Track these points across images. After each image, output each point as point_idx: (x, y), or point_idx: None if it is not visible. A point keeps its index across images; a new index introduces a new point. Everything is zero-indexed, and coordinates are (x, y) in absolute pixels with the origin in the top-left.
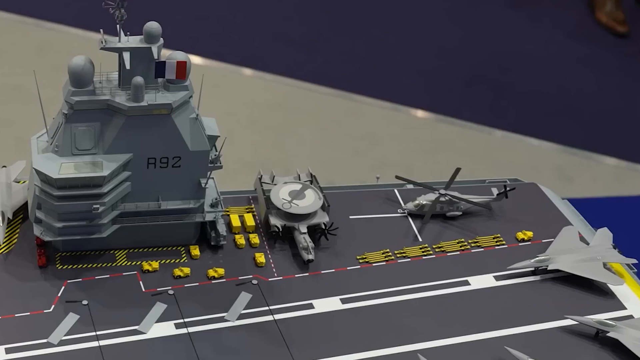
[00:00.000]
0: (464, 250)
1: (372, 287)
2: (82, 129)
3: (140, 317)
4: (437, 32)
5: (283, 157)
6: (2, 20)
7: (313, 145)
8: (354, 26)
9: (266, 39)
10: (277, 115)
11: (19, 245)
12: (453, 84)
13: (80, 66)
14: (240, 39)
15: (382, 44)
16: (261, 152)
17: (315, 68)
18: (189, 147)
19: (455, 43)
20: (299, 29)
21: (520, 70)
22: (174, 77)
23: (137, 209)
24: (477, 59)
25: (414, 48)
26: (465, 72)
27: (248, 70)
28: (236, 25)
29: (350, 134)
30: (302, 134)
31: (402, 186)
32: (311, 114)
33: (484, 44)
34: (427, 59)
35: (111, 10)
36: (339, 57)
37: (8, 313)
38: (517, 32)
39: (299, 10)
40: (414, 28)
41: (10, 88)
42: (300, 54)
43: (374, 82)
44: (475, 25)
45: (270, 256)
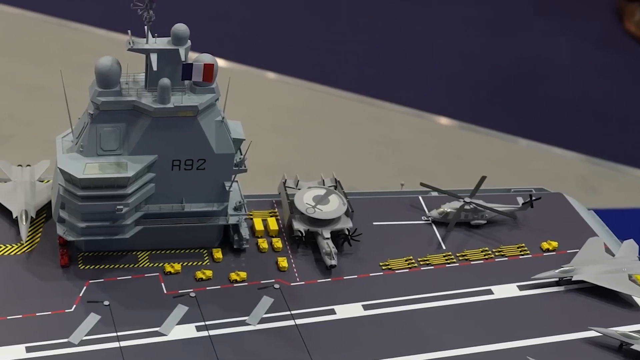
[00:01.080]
0: (487, 259)
1: (395, 294)
2: (107, 129)
3: (161, 319)
4: (463, 39)
5: (305, 161)
6: (27, 20)
7: (335, 150)
8: (379, 31)
9: (290, 43)
10: (300, 119)
11: (41, 244)
12: (477, 92)
13: (107, 67)
14: (264, 43)
15: (407, 49)
16: (283, 156)
17: (339, 73)
18: (214, 150)
19: (480, 50)
20: (324, 34)
21: (545, 78)
22: (201, 79)
23: (160, 210)
24: (503, 67)
25: (439, 54)
26: (490, 79)
27: (271, 74)
28: (260, 28)
29: (373, 139)
30: (325, 139)
31: (426, 193)
32: (334, 119)
33: (510, 52)
34: (451, 65)
35: (139, 12)
36: (363, 62)
37: (29, 312)
38: (543, 40)
39: (324, 15)
40: (439, 34)
41: (34, 87)
42: (325, 58)
43: (397, 87)
44: (501, 33)
45: (292, 261)
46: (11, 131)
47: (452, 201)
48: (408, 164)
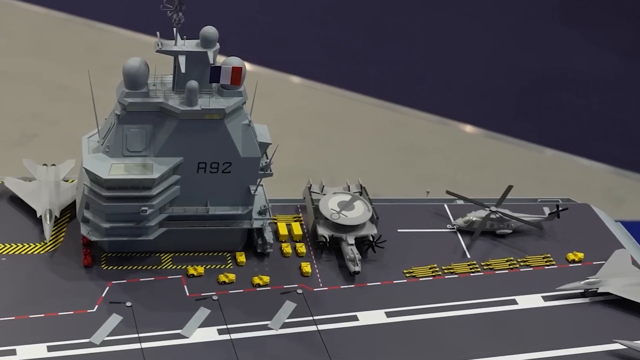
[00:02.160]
0: (512, 269)
1: (418, 302)
2: (134, 130)
3: (183, 321)
4: (490, 46)
5: (329, 166)
6: (52, 19)
7: (359, 155)
8: (405, 38)
9: (315, 48)
10: (324, 124)
11: (65, 244)
12: (504, 100)
13: (135, 68)
14: (289, 47)
15: (433, 56)
16: (307, 160)
17: (364, 78)
18: (240, 154)
19: (508, 58)
20: (349, 39)
21: (573, 88)
22: (229, 82)
23: (185, 212)
24: (530, 76)
25: (466, 62)
26: (516, 88)
27: (296, 78)
28: (284, 32)
29: (397, 146)
30: (349, 144)
31: (452, 201)
32: (358, 125)
33: (538, 61)
34: (478, 73)
35: (169, 13)
36: (389, 68)
37: (51, 311)
38: (571, 50)
39: (349, 20)
40: (466, 41)
41: (58, 87)
42: (350, 64)
43: (423, 94)
44: (528, 41)
45: (316, 266)
46: (35, 130)
47: (477, 210)
48: (432, 171)
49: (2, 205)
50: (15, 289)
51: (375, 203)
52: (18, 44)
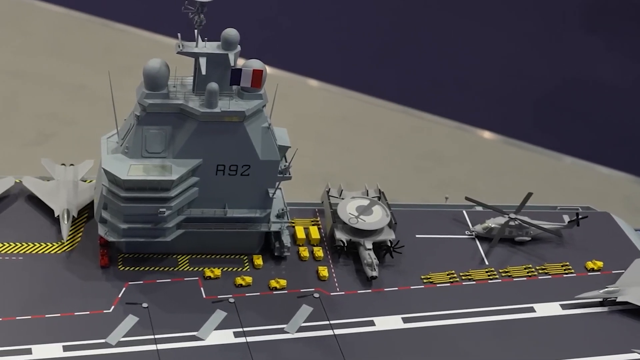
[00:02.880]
0: (531, 277)
1: (435, 308)
2: (153, 131)
3: (199, 324)
4: (510, 53)
5: (347, 171)
6: (71, 19)
7: (376, 160)
8: (425, 43)
9: (335, 52)
10: (342, 128)
11: (82, 244)
12: (523, 107)
13: (155, 69)
14: (307, 50)
15: (452, 62)
16: (324, 164)
17: (383, 83)
18: (259, 156)
19: (528, 65)
20: (369, 44)
21: (593, 96)
22: (249, 85)
23: (202, 215)
24: (551, 83)
25: (485, 68)
26: (536, 95)
27: (314, 81)
28: (304, 35)
29: (415, 151)
30: (367, 149)
31: (470, 207)
32: (377, 129)
33: (559, 68)
34: (497, 79)
35: (190, 15)
36: (408, 73)
37: (68, 311)
38: (593, 58)
39: (371, 24)
40: (486, 48)
41: (76, 87)
42: (369, 68)
43: (441, 99)
44: (550, 49)
45: (333, 270)
46: (53, 130)
47: (496, 217)
48: (450, 177)
49: (20, 205)
50: (32, 288)
51: (393, 208)
52: (37, 43)
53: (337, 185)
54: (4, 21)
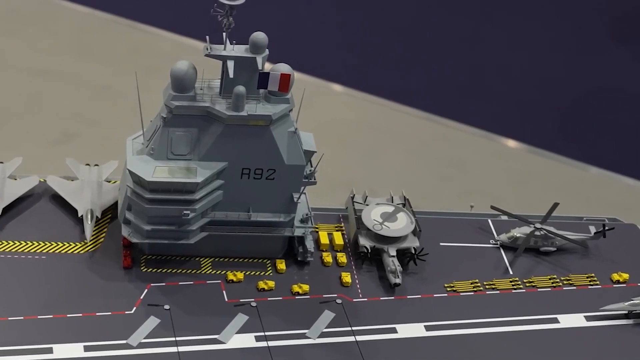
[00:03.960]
0: (555, 287)
1: (458, 317)
2: (179, 133)
3: (221, 327)
4: (538, 62)
5: (369, 177)
6: (97, 19)
7: (400, 167)
8: (451, 50)
9: (359, 56)
10: (366, 134)
11: (105, 244)
12: (549, 116)
13: (183, 71)
14: (332, 55)
15: (479, 69)
16: (348, 170)
17: (408, 89)
18: (285, 161)
19: (555, 74)
20: (395, 49)
21: (620, 106)
22: (277, 89)
23: (226, 218)
24: (577, 93)
25: (512, 76)
26: (562, 104)
27: (338, 86)
28: (329, 40)
29: (439, 158)
30: (390, 155)
31: (496, 217)
32: (401, 136)
33: (586, 78)
34: (524, 88)
35: (219, 18)
36: (433, 80)
37: (89, 311)
38: (620, 68)
39: (396, 30)
40: (514, 56)
41: (100, 87)
42: (394, 74)
43: (467, 107)
44: (578, 58)
45: (356, 276)
46: (76, 130)
47: (522, 226)
48: (474, 185)
49: (44, 204)
50: (54, 287)
51: (418, 215)
52: (62, 43)
53: (361, 191)
54: (31, 21)
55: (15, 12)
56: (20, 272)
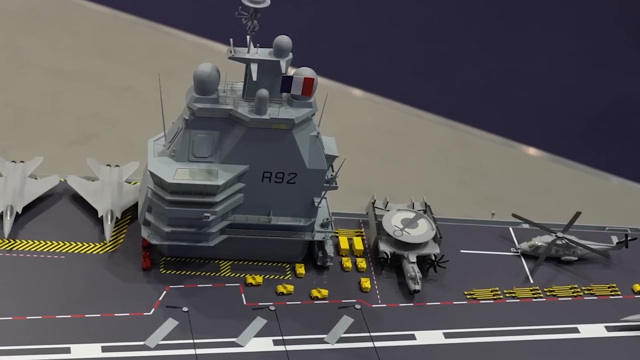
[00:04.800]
0: (576, 297)
1: (478, 325)
2: (201, 136)
3: (239, 330)
4: (560, 70)
5: (389, 182)
6: (118, 20)
7: (420, 173)
8: (474, 57)
9: (380, 62)
10: (387, 140)
11: (124, 245)
12: (570, 125)
13: (206, 73)
14: (353, 60)
15: (501, 77)
16: (367, 175)
17: (430, 96)
18: (307, 165)
19: (576, 82)
20: (416, 55)
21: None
22: (300, 93)
23: (247, 221)
24: (599, 101)
25: (534, 84)
26: (585, 113)
27: (358, 91)
28: (350, 45)
29: (459, 165)
30: (411, 161)
31: (517, 225)
32: (421, 142)
33: (607, 86)
34: (545, 96)
35: (244, 21)
36: (455, 86)
37: (108, 312)
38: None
39: (419, 36)
40: (536, 63)
41: (120, 88)
42: (416, 80)
43: (488, 114)
44: (600, 67)
45: (376, 282)
46: (96, 130)
47: (543, 235)
48: (494, 193)
49: (64, 204)
50: (73, 287)
51: (439, 222)
52: (83, 43)
53: (381, 197)
54: (53, 20)
55: (37, 12)
56: (40, 272)
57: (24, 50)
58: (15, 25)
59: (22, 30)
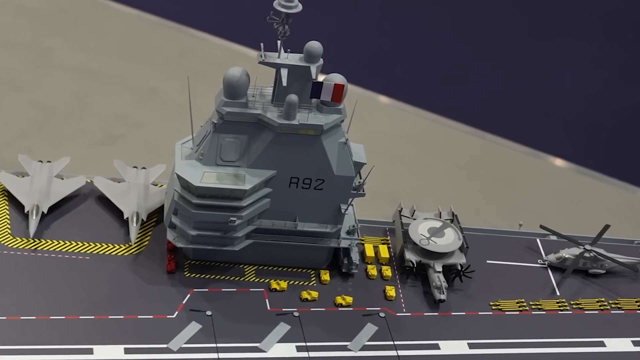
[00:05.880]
0: (603, 310)
1: (502, 336)
2: (229, 140)
3: (262, 335)
4: (587, 80)
5: (414, 190)
6: (145, 22)
7: (445, 182)
8: (501, 66)
9: (410, 70)
10: (413, 148)
11: (149, 248)
12: (598, 136)
13: (236, 77)
14: (379, 66)
15: (528, 86)
16: (392, 183)
17: (457, 104)
18: (334, 171)
19: (605, 93)
20: (445, 64)
21: None
22: (329, 99)
23: (273, 226)
24: (627, 113)
25: (561, 93)
26: (613, 124)
27: (384, 97)
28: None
29: (485, 175)
30: (436, 170)
31: (544, 236)
32: (447, 151)
33: (636, 98)
34: (573, 106)
35: (275, 25)
36: (483, 95)
37: (131, 314)
38: None
39: (447, 44)
40: (563, 72)
41: (146, 90)
42: (443, 88)
43: (515, 124)
44: (628, 77)
45: (400, 291)
46: (120, 131)
47: (571, 247)
48: (520, 203)
49: (90, 205)
50: (97, 288)
51: (465, 232)
52: (109, 44)
53: (408, 205)
54: (80, 21)
55: (64, 11)
56: (64, 272)
57: (51, 49)
58: (44, 25)
59: (50, 30)
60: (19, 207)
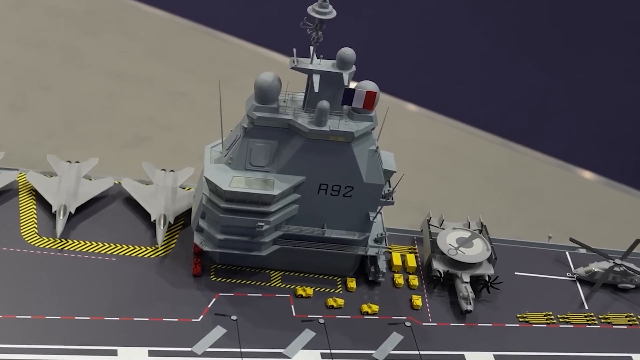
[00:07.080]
0: (631, 325)
1: (529, 349)
2: (259, 144)
3: (287, 341)
4: (618, 94)
5: (442, 200)
6: (176, 25)
7: (474, 192)
8: (533, 77)
9: (440, 79)
10: (441, 157)
11: (176, 250)
12: (629, 149)
13: (268, 82)
14: (409, 74)
15: (559, 98)
16: (420, 192)
17: (487, 115)
18: (364, 179)
19: (637, 106)
20: (476, 74)
21: None
22: (361, 106)
23: (300, 232)
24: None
25: (593, 105)
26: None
27: (413, 106)
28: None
29: (514, 187)
30: (465, 180)
31: (574, 249)
32: (477, 161)
33: None
34: (604, 118)
35: (308, 31)
36: (513, 106)
37: (156, 316)
38: None
39: (479, 55)
40: (596, 85)
41: (175, 93)
42: (474, 98)
43: (545, 136)
44: None
45: (427, 300)
46: (148, 133)
47: (601, 261)
48: (549, 215)
49: (117, 206)
50: (123, 290)
51: (494, 243)
52: (139, 46)
53: (436, 214)
54: (110, 23)
55: (95, 13)
56: (90, 273)
57: (81, 51)
58: (75, 26)
59: (81, 32)
60: (46, 207)
